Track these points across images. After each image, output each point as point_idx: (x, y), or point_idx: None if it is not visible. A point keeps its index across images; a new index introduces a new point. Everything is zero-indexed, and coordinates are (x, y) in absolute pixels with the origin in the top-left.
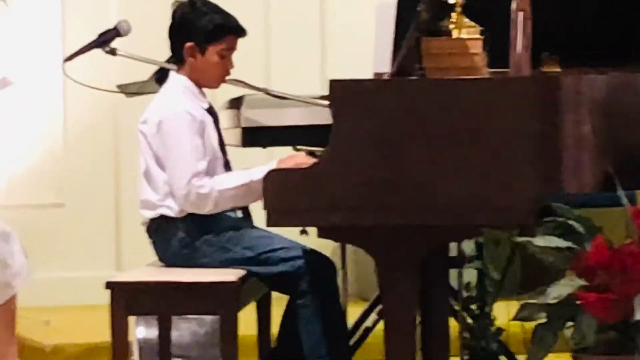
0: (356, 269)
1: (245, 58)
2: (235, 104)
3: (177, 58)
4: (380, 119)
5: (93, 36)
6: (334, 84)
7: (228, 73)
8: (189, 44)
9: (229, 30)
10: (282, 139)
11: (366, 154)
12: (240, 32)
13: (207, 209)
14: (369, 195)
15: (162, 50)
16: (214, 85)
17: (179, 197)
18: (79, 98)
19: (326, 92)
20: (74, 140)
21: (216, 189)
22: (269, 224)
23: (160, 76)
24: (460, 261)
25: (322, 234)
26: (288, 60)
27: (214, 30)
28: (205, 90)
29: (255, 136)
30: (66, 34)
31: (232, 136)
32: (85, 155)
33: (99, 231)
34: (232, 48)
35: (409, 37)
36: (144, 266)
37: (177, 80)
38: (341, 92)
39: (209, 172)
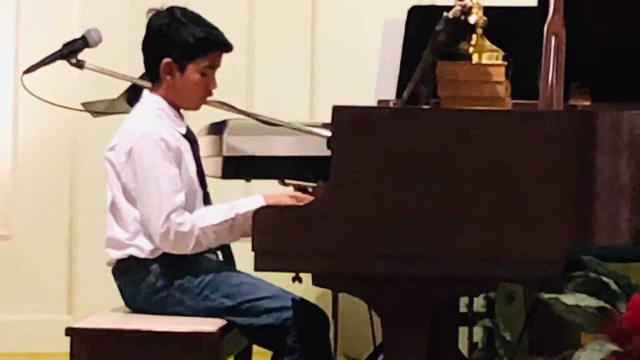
0: (348, 322)
1: (225, 78)
2: (217, 129)
3: (152, 75)
4: (389, 152)
5: (51, 44)
6: (339, 110)
7: (210, 93)
8: (166, 60)
9: (213, 45)
10: (268, 171)
11: (371, 192)
12: (225, 47)
13: (188, 248)
14: (374, 240)
15: (133, 66)
16: (194, 107)
17: (155, 236)
18: (32, 116)
19: (315, 119)
20: (24, 163)
21: (198, 226)
22: (256, 268)
23: (132, 95)
24: (471, 318)
25: (317, 282)
26: (273, 82)
27: (195, 44)
28: (183, 111)
29: (238, 167)
30: (20, 42)
31: (211, 166)
32: (36, 181)
33: (49, 269)
34: (215, 65)
35: (424, 60)
36: (108, 311)
37: (151, 101)
38: (346, 120)
39: (187, 206)
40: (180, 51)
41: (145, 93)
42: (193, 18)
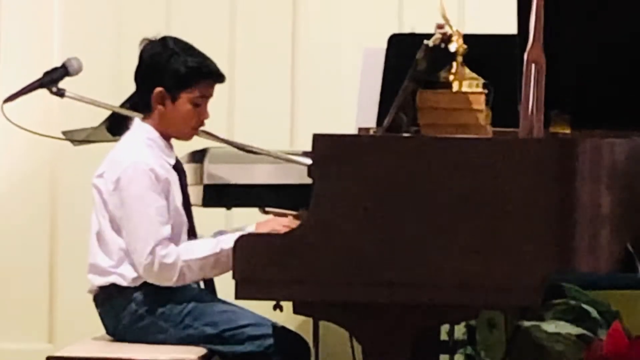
0: (329, 350)
1: None
2: (198, 157)
3: (144, 104)
4: (369, 180)
5: (32, 73)
6: (319, 138)
7: (202, 124)
8: (158, 89)
9: (205, 74)
10: (249, 199)
11: (352, 220)
12: (217, 77)
13: (172, 280)
14: (355, 268)
15: (114, 94)
16: (186, 137)
17: (140, 266)
18: (12, 144)
19: (296, 147)
20: (4, 190)
21: (182, 259)
22: (237, 297)
23: (113, 123)
24: (452, 346)
25: (298, 310)
26: (254, 110)
27: (187, 74)
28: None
29: (218, 195)
30: (0, 71)
31: (192, 194)
32: (16, 209)
33: (29, 296)
34: (207, 95)
35: (404, 88)
36: (90, 339)
37: (142, 130)
38: (326, 148)
39: (173, 238)
40: (173, 80)
41: (137, 122)
42: (185, 48)
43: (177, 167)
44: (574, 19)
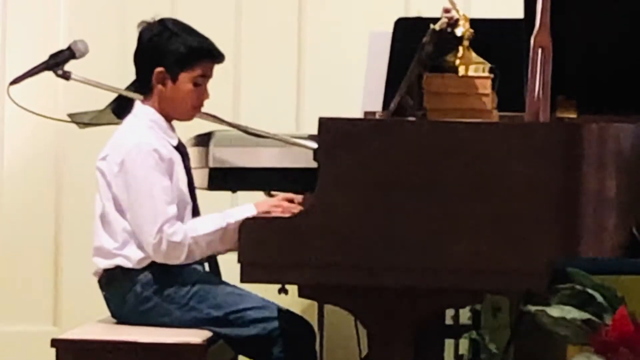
0: (334, 334)
1: (212, 90)
2: (203, 140)
3: (144, 86)
4: (374, 164)
5: (38, 56)
6: (325, 122)
7: (202, 104)
8: (158, 69)
9: (205, 54)
10: (254, 182)
11: (357, 204)
12: (217, 56)
13: (181, 258)
14: (360, 252)
15: (119, 77)
16: (186, 117)
17: (148, 246)
18: (19, 126)
19: (302, 131)
20: (10, 174)
21: (190, 236)
22: (242, 280)
23: (119, 106)
24: (456, 330)
25: (303, 294)
26: (260, 93)
27: (188, 53)
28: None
29: (224, 178)
30: (6, 54)
31: (197, 177)
32: (22, 192)
33: (34, 279)
34: (207, 75)
35: (410, 72)
36: (94, 322)
37: (143, 112)
38: (332, 132)
39: (177, 218)
40: (173, 60)
41: (137, 104)
42: (185, 28)
43: (180, 149)
44: (581, 4)
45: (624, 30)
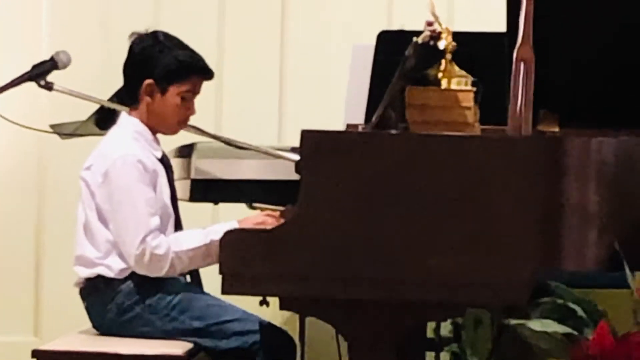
0: (315, 346)
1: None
2: (185, 152)
3: (132, 97)
4: (356, 177)
5: (21, 66)
6: (307, 135)
7: (188, 119)
8: (148, 81)
9: (195, 69)
10: (236, 194)
11: (339, 216)
12: (206, 73)
13: (162, 271)
14: (341, 265)
15: (102, 88)
16: (171, 131)
17: (130, 257)
18: (0, 137)
19: (284, 143)
20: None
21: (173, 250)
22: (223, 292)
23: (100, 117)
24: (438, 343)
25: (285, 306)
26: (242, 105)
27: (178, 67)
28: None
29: (206, 190)
30: None
31: (179, 189)
32: (3, 202)
33: (15, 289)
34: (195, 91)
35: (393, 85)
36: (76, 333)
37: (129, 123)
38: (314, 144)
39: (160, 230)
40: (163, 73)
41: (123, 115)
42: (177, 43)
43: (164, 161)
44: (564, 18)
45: (607, 44)
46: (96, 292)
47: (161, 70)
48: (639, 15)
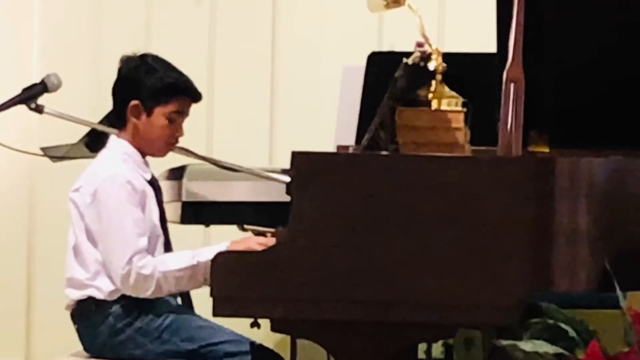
0: None
1: (185, 123)
2: (176, 174)
3: (119, 118)
4: (347, 198)
5: (11, 89)
6: (297, 156)
7: (177, 141)
8: (134, 102)
9: (181, 90)
10: (227, 216)
11: (330, 238)
12: (193, 94)
13: (148, 292)
14: (332, 286)
15: (93, 111)
16: (159, 152)
17: (116, 277)
18: None
19: (275, 165)
20: None
21: (159, 270)
22: (215, 313)
23: (91, 139)
24: None
25: (276, 328)
26: (232, 127)
27: (164, 88)
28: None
29: (197, 212)
30: None
31: (170, 211)
32: None
33: (6, 312)
34: (182, 112)
35: (383, 106)
36: (67, 356)
37: (118, 145)
38: (305, 166)
39: (149, 251)
40: (148, 94)
41: (112, 138)
42: (164, 65)
43: (153, 183)
44: (554, 39)
45: (597, 65)
46: (87, 314)
47: (146, 91)
48: (628, 36)
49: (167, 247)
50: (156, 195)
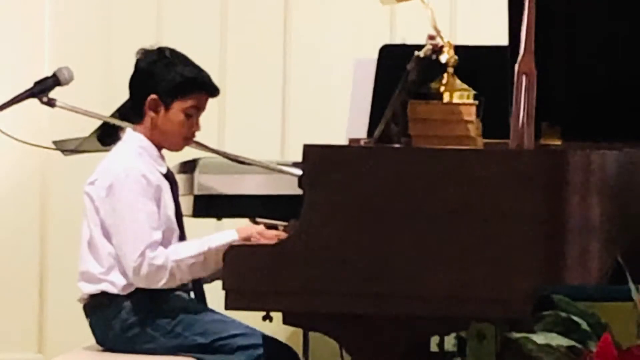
0: None
1: None
2: (188, 168)
3: (136, 112)
4: (359, 191)
5: (23, 83)
6: (309, 149)
7: (193, 135)
8: (152, 96)
9: (200, 85)
10: (239, 209)
11: (342, 231)
12: (212, 90)
13: (161, 282)
14: (344, 279)
15: (105, 104)
16: (176, 147)
17: (129, 269)
18: (3, 154)
19: (287, 158)
20: None
21: (171, 259)
22: (227, 307)
23: (103, 133)
24: (442, 357)
25: (288, 321)
26: (245, 120)
27: (182, 83)
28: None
29: (209, 205)
30: None
31: (183, 204)
32: (6, 219)
33: (19, 306)
34: (200, 107)
35: (395, 99)
36: (80, 349)
37: (134, 139)
38: (317, 159)
39: (163, 245)
40: (167, 88)
41: (129, 131)
42: (182, 59)
43: (169, 177)
44: (565, 31)
45: (608, 58)
46: (100, 308)
47: (165, 86)
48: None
49: (182, 241)
50: (172, 189)
